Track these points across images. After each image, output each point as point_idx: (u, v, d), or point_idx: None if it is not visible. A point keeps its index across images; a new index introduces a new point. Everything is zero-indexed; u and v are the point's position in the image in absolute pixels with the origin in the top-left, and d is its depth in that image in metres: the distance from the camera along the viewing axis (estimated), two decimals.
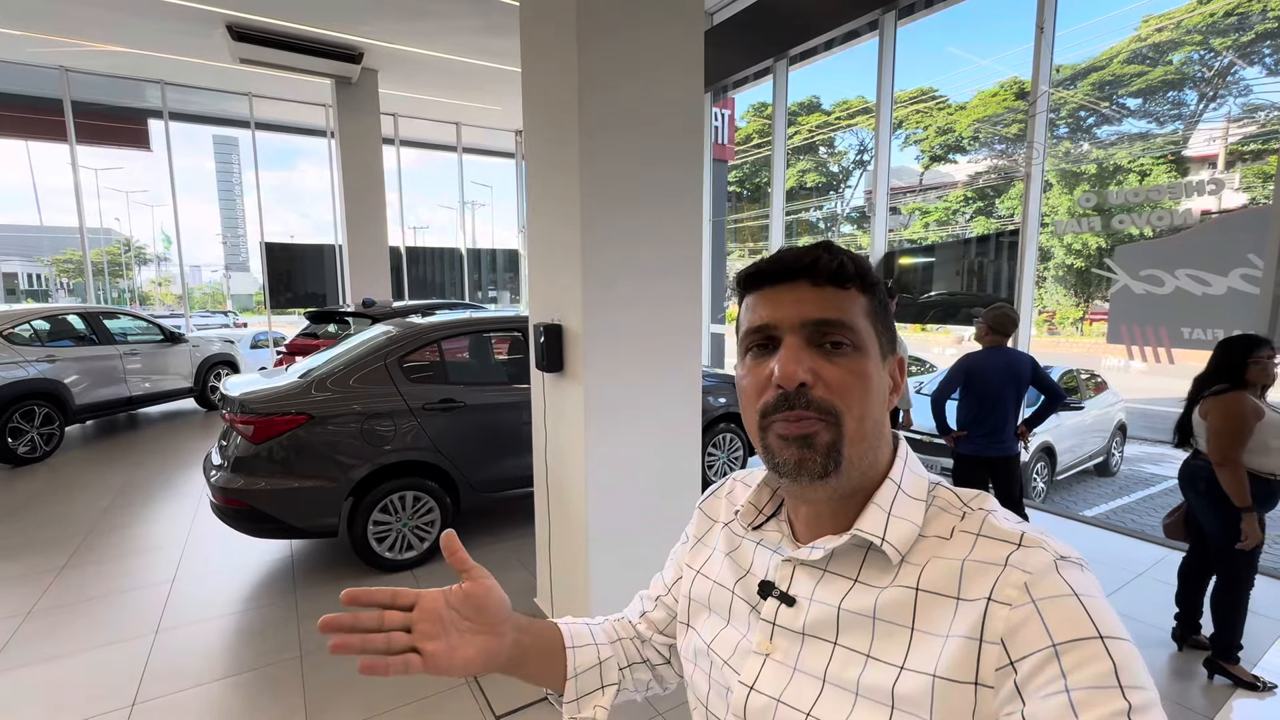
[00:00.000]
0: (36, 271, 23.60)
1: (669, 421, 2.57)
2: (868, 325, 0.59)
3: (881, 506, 0.58)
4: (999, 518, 0.56)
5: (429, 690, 2.47)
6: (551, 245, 2.51)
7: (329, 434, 3.31)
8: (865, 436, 0.58)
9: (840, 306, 0.58)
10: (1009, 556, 0.52)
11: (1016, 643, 0.48)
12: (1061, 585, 0.49)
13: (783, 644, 0.61)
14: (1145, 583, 3.31)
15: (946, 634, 0.51)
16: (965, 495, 0.59)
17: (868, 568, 0.58)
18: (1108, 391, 6.52)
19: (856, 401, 0.57)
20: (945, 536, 0.56)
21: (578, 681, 0.75)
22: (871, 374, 0.58)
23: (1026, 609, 0.48)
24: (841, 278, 0.58)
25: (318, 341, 6.48)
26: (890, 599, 0.55)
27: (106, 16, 6.70)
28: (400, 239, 11.03)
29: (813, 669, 0.58)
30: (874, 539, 0.56)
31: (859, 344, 0.58)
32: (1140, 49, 13.19)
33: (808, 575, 0.61)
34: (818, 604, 0.59)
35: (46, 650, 2.74)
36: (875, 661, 0.54)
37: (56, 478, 5.21)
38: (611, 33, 2.24)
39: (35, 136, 9.68)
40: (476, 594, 0.67)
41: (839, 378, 0.56)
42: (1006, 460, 3.26)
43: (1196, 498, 2.63)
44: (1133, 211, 3.91)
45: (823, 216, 20.00)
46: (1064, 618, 0.47)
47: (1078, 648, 0.45)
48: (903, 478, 0.60)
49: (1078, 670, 0.45)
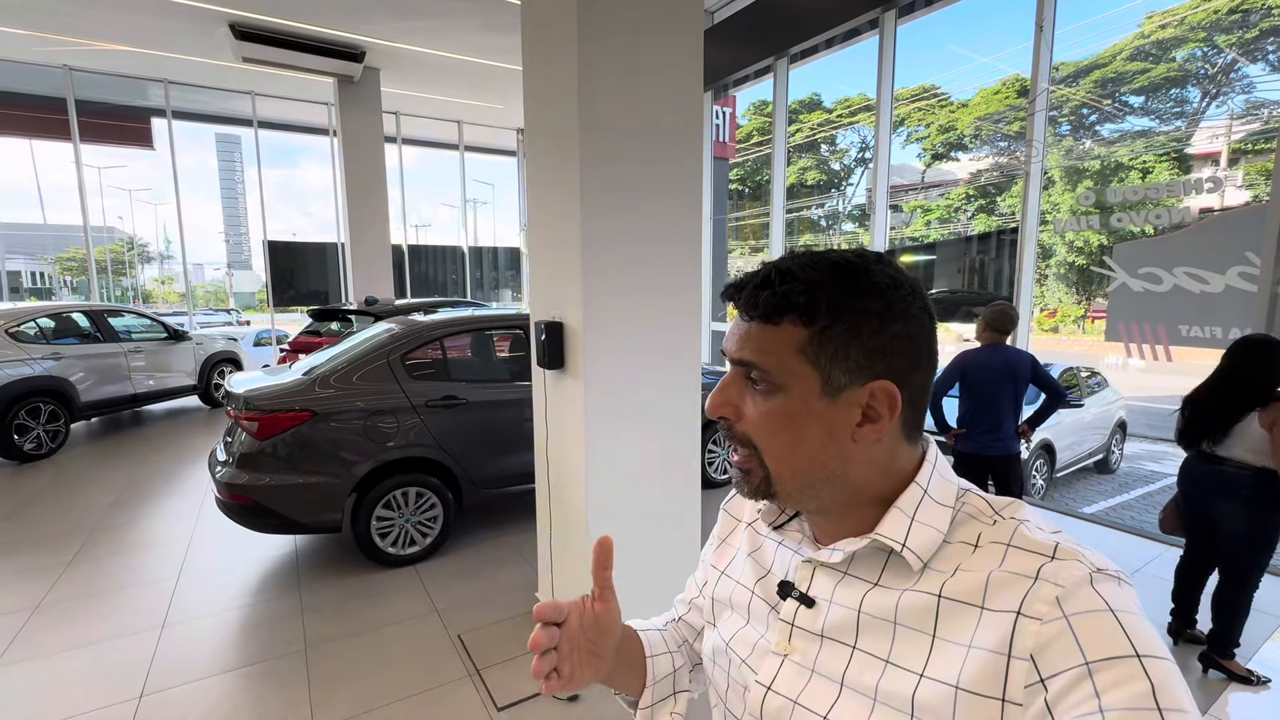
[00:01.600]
0: (40, 270, 23.66)
1: (669, 418, 2.59)
2: (797, 362, 0.55)
3: (905, 511, 0.56)
4: (1031, 528, 0.54)
5: (432, 682, 2.51)
6: (552, 243, 2.53)
7: (332, 430, 3.34)
8: (797, 473, 0.57)
9: (762, 345, 0.56)
10: (1041, 569, 0.50)
11: (1047, 659, 0.46)
12: (1096, 600, 0.47)
13: (801, 645, 0.60)
14: (1143, 579, 3.33)
15: (969, 644, 0.50)
16: (997, 504, 0.57)
17: (889, 572, 0.57)
18: (1108, 389, 6.53)
19: (774, 441, 0.56)
20: (972, 544, 0.54)
21: (654, 689, 0.76)
22: (793, 413, 0.56)
23: (1058, 624, 0.46)
24: (774, 312, 0.55)
25: (321, 339, 6.52)
26: (912, 603, 0.54)
27: (111, 16, 6.73)
28: (402, 237, 11.07)
29: (831, 672, 0.57)
30: (894, 544, 0.55)
31: (778, 384, 0.56)
32: (1143, 45, 13.15)
33: (827, 577, 0.60)
34: (837, 606, 0.58)
35: (55, 643, 2.78)
36: (894, 667, 0.53)
37: (62, 474, 5.26)
38: (612, 31, 2.26)
39: (39, 135, 9.72)
40: (606, 618, 0.67)
41: (754, 417, 0.57)
42: (1006, 459, 3.26)
43: (1232, 503, 2.54)
44: (1133, 209, 3.92)
45: (824, 214, 19.97)
46: (1098, 634, 0.45)
47: (1112, 666, 0.43)
48: (930, 483, 0.58)
49: (1113, 690, 0.43)
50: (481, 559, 3.62)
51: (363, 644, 2.78)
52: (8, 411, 5.45)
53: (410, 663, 2.64)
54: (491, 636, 2.83)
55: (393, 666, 2.62)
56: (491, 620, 2.97)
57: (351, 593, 3.24)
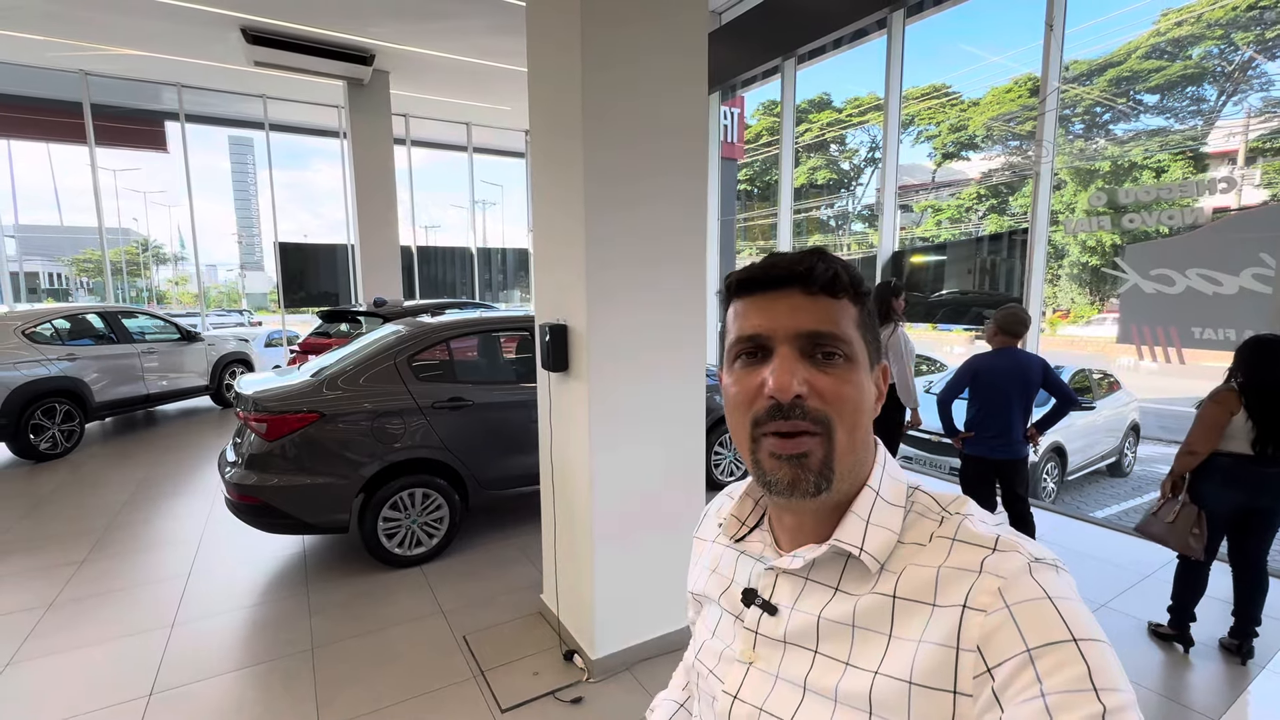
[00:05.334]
0: (57, 271, 24.02)
1: (674, 420, 2.59)
2: (859, 336, 0.58)
3: (860, 515, 0.58)
4: (975, 521, 0.56)
5: (437, 683, 2.52)
6: (557, 245, 2.53)
7: (340, 432, 3.37)
8: (855, 448, 0.58)
9: (833, 318, 0.57)
10: (984, 561, 0.52)
11: (992, 649, 0.47)
12: (1034, 588, 0.48)
13: (765, 652, 0.61)
14: (1155, 584, 3.28)
15: (919, 639, 0.51)
16: (944, 499, 0.59)
17: (847, 576, 0.58)
18: (1120, 391, 6.45)
19: (850, 412, 0.56)
20: (923, 543, 0.56)
21: None
22: (864, 384, 0.58)
23: (1001, 614, 0.48)
24: (835, 288, 0.57)
25: (330, 340, 6.57)
26: (868, 605, 0.55)
27: (125, 21, 6.82)
28: (411, 238, 11.12)
29: (794, 677, 0.58)
30: (852, 549, 0.57)
31: (851, 355, 0.57)
32: (1159, 43, 12.98)
33: (789, 584, 0.62)
34: (799, 613, 0.59)
35: (67, 641, 2.82)
36: (853, 668, 0.54)
37: (77, 473, 5.33)
38: (615, 30, 2.26)
39: (56, 139, 9.86)
40: None
41: (833, 388, 0.56)
42: (1013, 463, 3.24)
43: None
44: (1146, 209, 3.87)
45: (834, 214, 19.88)
46: (1037, 621, 0.47)
47: (1051, 651, 0.45)
48: (881, 484, 0.60)
49: (1053, 675, 0.44)
50: (487, 560, 3.63)
51: (368, 644, 2.80)
52: (24, 411, 5.53)
53: (415, 663, 2.66)
54: (496, 638, 2.84)
55: (398, 667, 2.63)
56: (496, 621, 2.97)
57: (358, 593, 3.26)
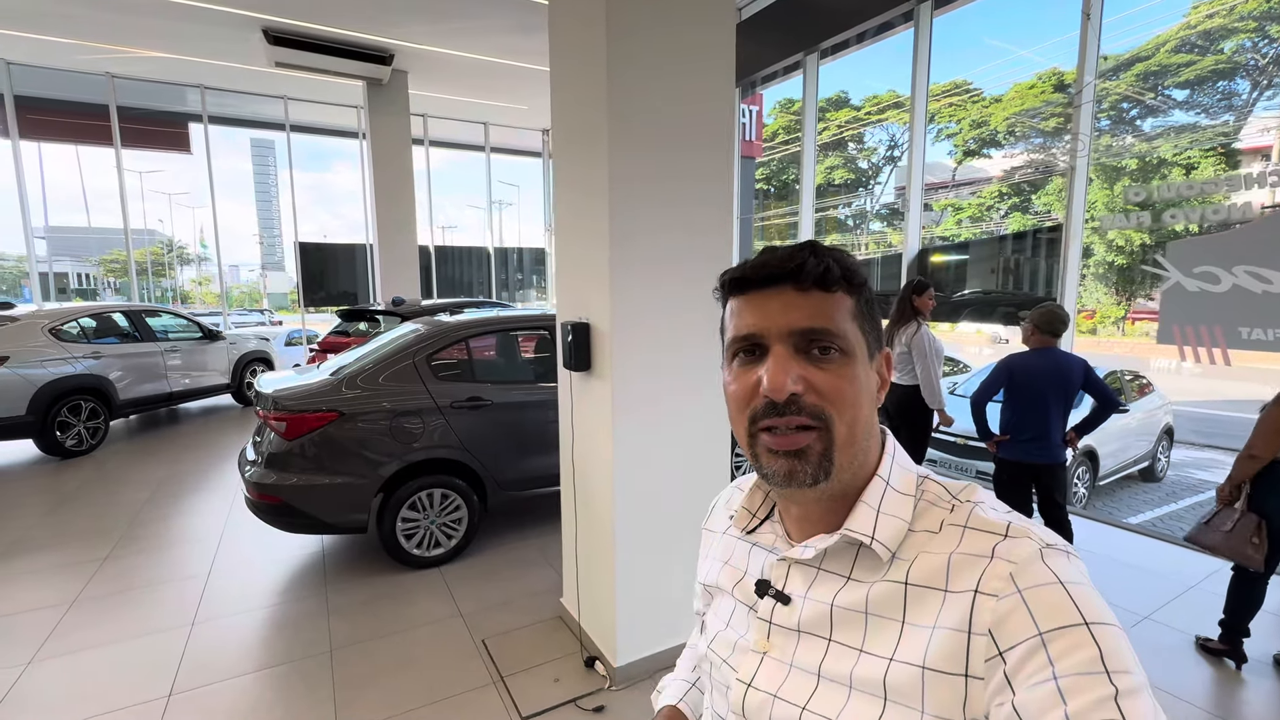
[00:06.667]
0: (85, 271, 24.53)
1: (697, 420, 2.52)
2: (854, 327, 0.58)
3: (870, 505, 0.59)
4: (986, 509, 0.56)
5: (457, 688, 2.47)
6: (579, 242, 2.48)
7: (359, 431, 3.35)
8: (855, 439, 0.58)
9: (826, 313, 0.57)
10: (995, 547, 0.52)
11: (1004, 633, 0.48)
12: (1046, 573, 0.49)
13: (779, 641, 0.62)
14: (1200, 595, 3.13)
15: (934, 625, 0.52)
16: (954, 488, 0.60)
17: (859, 565, 0.59)
18: (1154, 394, 6.25)
19: (848, 406, 0.57)
20: (934, 530, 0.57)
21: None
22: (860, 376, 0.58)
23: (1013, 599, 0.48)
24: (827, 281, 0.57)
25: (349, 339, 6.59)
26: (881, 593, 0.56)
27: (150, 22, 6.91)
28: (429, 238, 11.16)
29: (808, 665, 0.59)
30: (863, 538, 0.57)
31: (847, 348, 0.57)
32: (1189, 37, 12.64)
33: (801, 574, 0.62)
34: (812, 601, 0.60)
35: (89, 638, 2.82)
36: (867, 655, 0.55)
37: (101, 470, 5.39)
38: (641, 27, 2.21)
39: (84, 141, 10.04)
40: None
41: (829, 383, 0.56)
42: (1051, 468, 3.12)
43: None
44: (1182, 206, 3.72)
45: (852, 214, 19.67)
46: (1049, 606, 0.47)
47: (1063, 635, 0.46)
48: (891, 473, 0.61)
49: (1065, 658, 0.45)
50: (506, 562, 3.59)
51: (387, 647, 2.76)
52: (50, 408, 5.61)
53: (434, 668, 2.62)
54: (516, 642, 2.79)
55: (416, 671, 2.59)
56: (516, 625, 2.93)
57: (376, 594, 3.23)
